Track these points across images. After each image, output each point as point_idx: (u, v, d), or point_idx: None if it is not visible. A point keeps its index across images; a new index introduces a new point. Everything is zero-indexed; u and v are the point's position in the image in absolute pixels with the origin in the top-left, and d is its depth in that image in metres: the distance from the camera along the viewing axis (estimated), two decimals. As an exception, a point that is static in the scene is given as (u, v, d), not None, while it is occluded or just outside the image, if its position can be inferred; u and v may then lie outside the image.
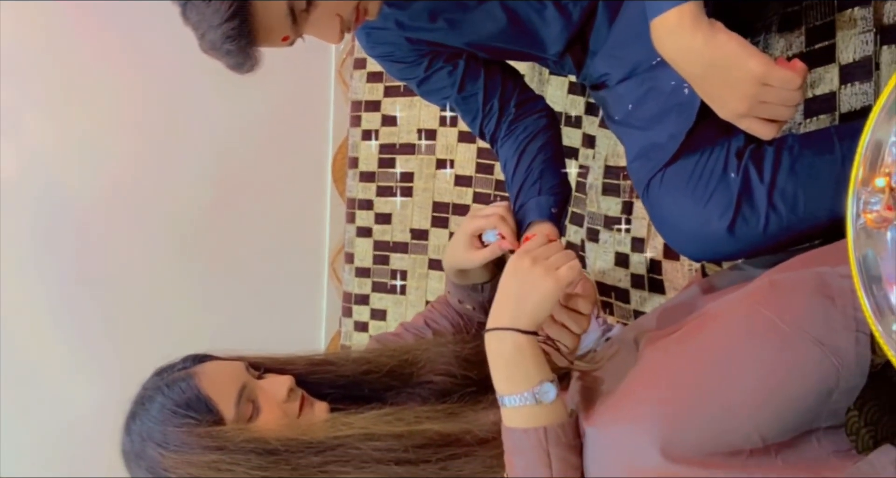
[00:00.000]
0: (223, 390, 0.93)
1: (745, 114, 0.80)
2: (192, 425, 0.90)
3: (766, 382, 0.75)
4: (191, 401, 0.91)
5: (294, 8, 0.85)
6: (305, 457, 0.89)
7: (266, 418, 0.94)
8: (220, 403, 0.92)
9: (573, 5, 1.03)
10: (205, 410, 0.91)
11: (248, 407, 0.94)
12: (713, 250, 0.95)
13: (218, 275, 1.86)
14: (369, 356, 1.08)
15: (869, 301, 0.65)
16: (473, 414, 0.96)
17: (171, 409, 0.91)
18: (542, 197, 1.08)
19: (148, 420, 0.92)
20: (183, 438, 0.90)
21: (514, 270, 0.87)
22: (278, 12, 0.84)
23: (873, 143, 0.64)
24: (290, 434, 0.91)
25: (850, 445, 0.77)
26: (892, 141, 0.64)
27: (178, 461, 0.90)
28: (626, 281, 1.33)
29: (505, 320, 0.85)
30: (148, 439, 0.92)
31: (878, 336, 0.63)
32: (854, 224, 0.65)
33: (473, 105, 1.14)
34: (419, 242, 1.80)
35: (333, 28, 0.90)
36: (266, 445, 0.89)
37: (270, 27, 0.85)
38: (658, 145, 0.99)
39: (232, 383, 0.94)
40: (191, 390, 0.92)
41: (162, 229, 1.78)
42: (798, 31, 0.98)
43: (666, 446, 0.75)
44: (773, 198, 0.89)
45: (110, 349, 1.72)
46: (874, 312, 0.64)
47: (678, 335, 0.84)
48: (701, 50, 0.77)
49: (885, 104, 0.63)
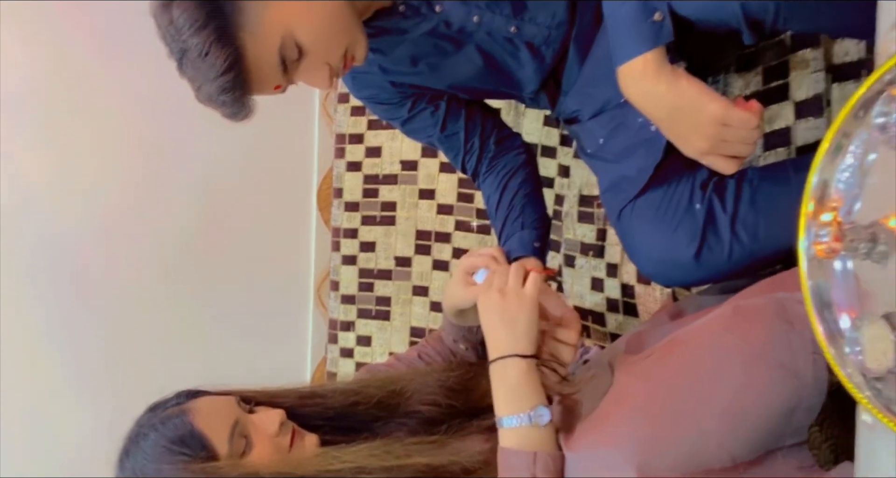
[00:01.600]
0: (216, 426, 0.94)
1: (708, 152, 0.86)
2: (185, 461, 0.91)
3: (734, 404, 0.80)
4: (184, 438, 0.92)
5: (285, 59, 0.90)
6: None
7: (258, 452, 0.95)
8: (213, 439, 0.93)
9: (545, 48, 1.09)
10: (199, 446, 0.92)
11: (240, 442, 0.95)
12: (681, 277, 1.01)
13: (207, 303, 1.89)
14: (357, 388, 1.09)
15: (822, 326, 0.70)
16: (461, 444, 0.99)
17: (164, 446, 0.92)
18: (524, 232, 1.13)
19: (142, 457, 0.93)
20: (177, 474, 0.91)
21: (488, 308, 0.94)
22: (271, 63, 0.89)
23: (821, 182, 0.70)
24: (283, 469, 0.92)
25: (813, 460, 0.83)
26: (837, 178, 0.70)
27: None
28: (601, 305, 1.38)
29: (505, 349, 0.91)
30: (142, 477, 0.93)
31: (830, 359, 0.68)
32: (806, 255, 0.71)
33: (455, 143, 1.20)
34: (403, 269, 1.85)
35: (323, 75, 0.95)
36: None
37: (263, 78, 0.90)
38: (628, 178, 1.05)
39: (224, 419, 0.95)
40: (184, 427, 0.93)
41: (152, 260, 1.80)
42: (755, 70, 1.05)
43: (642, 468, 0.79)
44: (735, 227, 0.95)
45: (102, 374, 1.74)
46: (827, 336, 0.70)
47: (650, 361, 0.89)
48: (664, 95, 0.83)
49: (829, 148, 0.69)
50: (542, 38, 1.08)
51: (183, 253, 1.85)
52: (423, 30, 1.07)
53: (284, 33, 0.88)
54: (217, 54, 0.84)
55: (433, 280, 1.81)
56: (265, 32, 0.87)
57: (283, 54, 0.89)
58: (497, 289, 0.94)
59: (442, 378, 1.09)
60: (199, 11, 0.83)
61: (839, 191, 0.70)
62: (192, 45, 0.84)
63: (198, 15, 0.83)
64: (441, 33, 1.07)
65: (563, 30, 1.08)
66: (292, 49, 0.90)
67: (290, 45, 0.89)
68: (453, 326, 1.14)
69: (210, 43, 0.83)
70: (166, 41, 0.88)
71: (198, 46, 0.84)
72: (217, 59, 0.84)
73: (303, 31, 0.89)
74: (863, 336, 0.66)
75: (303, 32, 0.89)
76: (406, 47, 1.09)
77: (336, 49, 0.94)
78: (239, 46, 0.86)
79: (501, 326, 0.92)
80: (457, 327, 1.14)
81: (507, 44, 1.09)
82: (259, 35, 0.87)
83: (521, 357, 0.90)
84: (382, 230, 1.86)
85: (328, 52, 0.93)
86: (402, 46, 1.09)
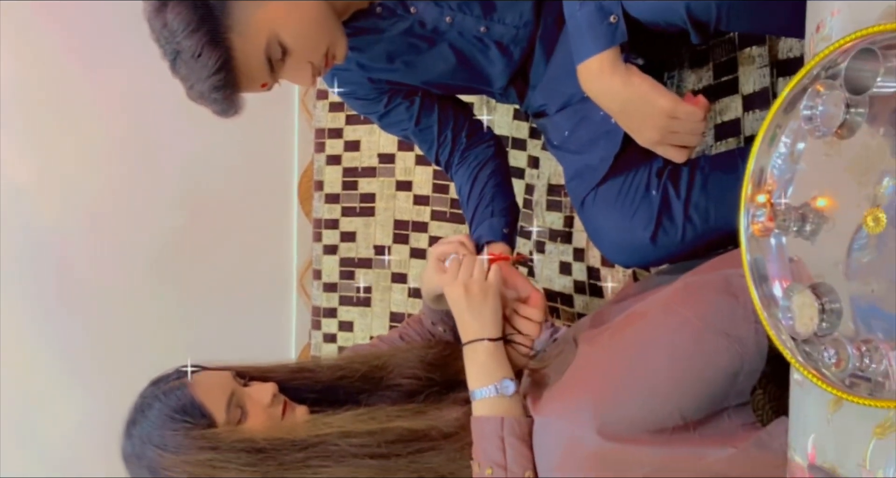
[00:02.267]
0: (214, 397, 1.02)
1: (659, 142, 0.94)
2: (187, 428, 0.99)
3: (683, 368, 0.89)
4: (186, 407, 1.00)
5: (271, 58, 0.97)
6: (290, 454, 0.99)
7: (253, 421, 1.03)
8: (212, 408, 1.01)
9: (513, 46, 1.17)
10: (199, 414, 1.00)
11: (236, 412, 1.03)
12: (639, 258, 1.09)
13: (194, 294, 1.94)
14: (343, 363, 1.18)
15: (759, 296, 0.78)
16: (438, 412, 1.07)
17: (168, 414, 1.00)
18: (494, 219, 1.21)
19: (147, 425, 1.01)
20: (180, 440, 0.99)
21: (455, 300, 1.05)
22: (258, 63, 0.96)
23: (758, 168, 0.78)
24: (276, 434, 1.01)
25: (755, 419, 0.91)
26: (772, 165, 0.78)
27: (175, 461, 0.99)
28: (569, 287, 1.47)
29: (474, 334, 1.03)
30: (148, 442, 1.00)
31: (766, 326, 0.77)
32: (745, 233, 0.79)
33: (429, 136, 1.27)
34: (382, 257, 1.92)
35: (306, 73, 1.02)
36: (254, 444, 0.99)
37: (251, 76, 0.97)
38: (591, 167, 1.13)
39: (222, 391, 1.03)
40: (185, 398, 1.01)
41: (139, 251, 1.84)
42: (706, 66, 1.14)
43: (602, 428, 0.88)
44: (688, 211, 1.04)
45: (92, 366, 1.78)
46: (763, 305, 0.78)
47: (609, 332, 0.97)
48: (619, 90, 0.91)
49: (764, 137, 0.77)
50: (510, 37, 1.15)
51: (169, 245, 1.89)
52: (398, 29, 1.14)
53: (270, 35, 0.95)
54: (209, 55, 0.90)
55: (411, 268, 1.89)
56: (252, 34, 0.94)
57: (269, 54, 0.96)
58: (462, 282, 1.04)
59: (422, 354, 1.17)
60: (191, 15, 0.90)
61: (774, 176, 0.78)
62: (186, 47, 0.90)
63: (190, 18, 0.90)
64: (416, 33, 1.14)
65: (530, 29, 1.15)
66: (277, 49, 0.96)
67: (275, 45, 0.96)
68: (431, 310, 1.22)
69: (202, 44, 0.90)
70: (160, 43, 0.94)
71: (191, 48, 0.90)
72: (209, 59, 0.90)
73: (287, 33, 0.96)
74: (793, 304, 0.74)
75: (287, 34, 0.96)
76: (383, 46, 1.16)
77: (318, 49, 1.00)
78: (229, 47, 0.92)
79: (469, 315, 1.03)
80: (435, 311, 1.22)
81: (477, 42, 1.15)
82: (247, 36, 0.93)
83: (489, 340, 1.02)
84: (362, 221, 1.93)
85: (311, 51, 1.00)
86: (379, 45, 1.16)
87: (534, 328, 1.08)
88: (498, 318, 1.04)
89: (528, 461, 0.95)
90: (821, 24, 0.71)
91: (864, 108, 0.67)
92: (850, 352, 0.67)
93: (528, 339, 1.08)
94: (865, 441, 0.68)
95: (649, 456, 0.88)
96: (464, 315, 1.04)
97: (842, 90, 0.66)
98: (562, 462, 0.92)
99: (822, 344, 0.70)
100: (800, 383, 0.76)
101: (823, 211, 0.72)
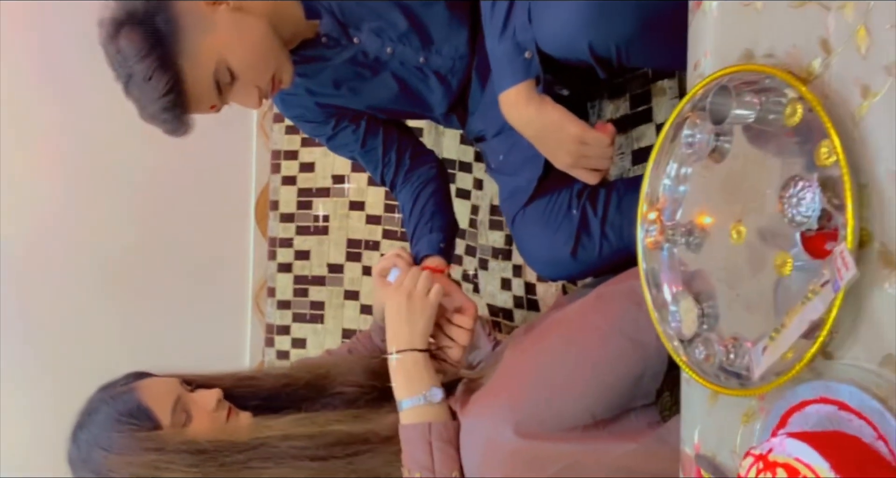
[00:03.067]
0: (160, 402, 1.07)
1: (572, 166, 1.04)
2: (133, 430, 1.03)
3: (593, 371, 0.97)
4: (132, 411, 1.05)
5: (219, 82, 1.05)
6: (231, 455, 1.03)
7: (198, 425, 1.07)
8: (157, 411, 1.05)
9: (451, 76, 1.25)
10: (145, 417, 1.04)
11: (181, 416, 1.07)
12: (562, 271, 1.18)
13: (150, 310, 1.97)
14: (288, 371, 1.23)
15: (653, 302, 0.87)
16: (377, 416, 1.13)
17: (115, 418, 1.04)
18: (433, 234, 1.29)
19: (94, 428, 1.05)
20: (125, 441, 1.03)
21: (396, 306, 1.10)
22: (206, 86, 1.04)
23: (651, 189, 0.87)
24: (219, 436, 1.05)
25: (660, 418, 1.00)
26: (663, 186, 0.87)
27: (120, 462, 1.03)
28: (510, 302, 1.55)
29: (403, 344, 1.08)
30: (94, 445, 1.04)
31: (658, 329, 0.85)
32: (641, 245, 0.88)
33: (374, 158, 1.35)
34: (335, 275, 1.99)
35: (253, 96, 1.09)
36: (197, 445, 1.03)
37: (200, 98, 1.04)
38: (520, 188, 1.22)
39: (168, 396, 1.08)
40: (132, 401, 1.06)
41: (96, 269, 1.88)
42: (624, 97, 1.24)
43: (518, 427, 0.96)
44: (605, 229, 1.13)
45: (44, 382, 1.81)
46: (657, 311, 0.86)
47: (530, 339, 1.06)
48: (533, 118, 1.00)
49: (655, 162, 0.86)
50: (448, 67, 1.24)
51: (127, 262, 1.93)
52: (343, 58, 1.22)
53: (218, 60, 1.03)
54: (159, 79, 0.98)
55: (363, 285, 1.96)
56: (201, 59, 1.01)
57: (218, 78, 1.04)
58: (406, 292, 1.10)
59: (365, 363, 1.22)
60: (142, 41, 0.97)
61: (665, 196, 0.87)
62: (137, 71, 0.98)
63: (141, 44, 0.97)
64: (359, 61, 1.23)
65: (465, 61, 1.24)
66: (225, 74, 1.04)
67: (223, 70, 1.04)
68: (380, 327, 1.26)
69: (153, 69, 0.97)
70: (114, 67, 1.01)
71: (142, 72, 0.97)
72: (159, 82, 0.98)
73: (234, 58, 1.04)
74: (679, 309, 0.83)
75: (234, 59, 1.04)
76: (329, 73, 1.24)
77: (264, 74, 1.08)
78: (178, 72, 1.00)
79: (404, 324, 1.09)
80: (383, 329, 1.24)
81: (417, 72, 1.24)
82: (196, 61, 1.01)
83: (417, 351, 1.07)
84: (316, 239, 2.00)
85: (257, 76, 1.08)
86: (325, 72, 1.24)
87: (465, 336, 1.15)
88: (428, 331, 1.09)
89: (454, 463, 1.01)
90: (697, 63, 0.81)
91: (731, 136, 0.77)
92: (717, 349, 0.76)
93: (458, 347, 1.15)
94: (736, 429, 0.77)
95: (562, 453, 0.96)
96: (400, 323, 1.09)
97: (707, 121, 0.75)
98: (483, 461, 0.99)
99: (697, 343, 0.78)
100: (687, 380, 0.84)
101: (705, 226, 0.82)
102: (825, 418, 0.64)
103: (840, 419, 0.62)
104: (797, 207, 0.67)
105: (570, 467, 0.96)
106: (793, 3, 0.68)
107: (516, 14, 0.97)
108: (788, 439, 0.60)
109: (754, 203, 0.74)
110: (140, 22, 0.97)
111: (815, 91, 0.66)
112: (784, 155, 0.71)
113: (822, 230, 0.66)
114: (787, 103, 0.69)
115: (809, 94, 0.65)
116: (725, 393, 0.75)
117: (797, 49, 0.68)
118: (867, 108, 0.62)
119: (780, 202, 0.68)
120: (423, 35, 1.20)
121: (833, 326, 0.63)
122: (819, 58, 0.66)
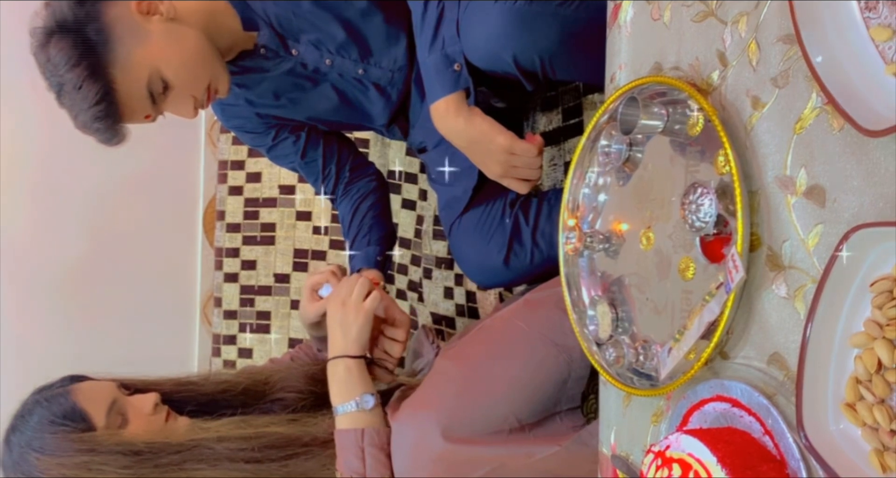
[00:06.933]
0: (95, 404, 1.07)
1: (502, 175, 1.06)
2: (66, 431, 1.03)
3: (517, 375, 1.00)
4: (66, 412, 1.05)
5: (153, 92, 1.05)
6: (166, 456, 1.04)
7: (134, 427, 1.08)
8: (92, 413, 1.06)
9: (390, 87, 1.27)
10: (79, 419, 1.04)
11: (117, 418, 1.07)
12: (496, 279, 1.21)
13: (97, 321, 1.96)
14: (227, 377, 1.23)
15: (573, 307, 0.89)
16: (313, 421, 1.14)
17: (49, 419, 1.04)
18: (370, 248, 1.31)
19: (27, 430, 1.05)
20: (58, 443, 1.03)
21: (332, 314, 1.11)
22: (139, 95, 1.04)
23: (572, 198, 0.90)
24: (154, 437, 1.06)
25: (585, 421, 1.03)
26: (582, 195, 0.90)
27: (52, 464, 1.02)
28: (452, 311, 1.57)
29: (338, 351, 1.09)
30: (27, 448, 1.04)
31: (577, 333, 0.88)
32: (563, 253, 0.91)
33: (314, 169, 1.36)
34: (282, 285, 1.99)
35: (188, 106, 1.10)
36: (132, 446, 1.03)
37: (133, 108, 1.04)
38: (456, 198, 1.24)
39: (103, 398, 1.08)
40: (67, 403, 1.06)
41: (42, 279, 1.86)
42: (556, 110, 1.27)
43: (445, 431, 0.98)
44: (536, 237, 1.16)
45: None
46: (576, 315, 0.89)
47: (459, 344, 1.08)
48: (463, 129, 1.03)
49: (574, 171, 0.89)
50: (387, 79, 1.26)
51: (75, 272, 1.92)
52: (282, 69, 1.23)
53: (151, 69, 1.03)
54: (89, 88, 0.98)
55: (310, 295, 1.96)
56: (133, 68, 1.02)
57: (151, 88, 1.04)
58: (341, 300, 1.11)
59: (305, 369, 1.23)
60: (73, 50, 0.98)
61: (585, 204, 0.90)
62: (68, 80, 0.98)
63: (71, 53, 0.97)
64: (299, 73, 1.24)
65: (404, 73, 1.26)
66: (159, 83, 1.05)
67: (156, 80, 1.04)
68: (315, 338, 1.28)
69: (83, 78, 0.97)
70: (45, 76, 1.01)
71: (72, 81, 0.98)
72: (90, 91, 0.98)
73: (168, 68, 1.04)
74: (596, 313, 0.86)
75: (168, 69, 1.04)
76: (269, 83, 1.25)
77: (199, 84, 1.09)
78: (110, 81, 1.00)
79: (339, 331, 1.10)
80: (319, 339, 1.27)
81: (357, 83, 1.26)
82: (128, 71, 1.01)
83: (350, 358, 1.08)
84: (263, 249, 2.01)
85: (192, 86, 1.08)
86: (265, 83, 1.25)
87: (397, 349, 1.17)
88: (364, 339, 1.10)
89: (385, 468, 1.03)
90: (613, 76, 0.84)
91: (643, 145, 0.80)
92: (626, 351, 0.79)
93: (391, 358, 1.17)
94: (647, 429, 0.79)
95: (488, 456, 0.98)
96: (335, 330, 1.11)
97: (617, 132, 0.78)
98: (413, 465, 1.01)
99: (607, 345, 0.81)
100: (604, 383, 0.87)
101: (621, 233, 0.85)
102: (721, 415, 0.66)
103: (733, 416, 0.65)
104: (696, 213, 0.70)
105: (497, 470, 0.98)
106: (695, 17, 0.72)
107: (445, 27, 1.00)
108: (683, 435, 0.63)
109: (661, 210, 0.77)
110: (70, 31, 0.98)
111: (714, 102, 0.69)
112: (689, 164, 0.75)
113: (720, 235, 0.69)
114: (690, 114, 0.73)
115: (708, 105, 0.69)
116: (636, 394, 0.78)
117: (699, 62, 0.72)
118: (757, 119, 0.65)
119: (682, 209, 0.71)
120: (362, 47, 1.22)
121: (728, 327, 0.66)
122: (717, 70, 0.70)
